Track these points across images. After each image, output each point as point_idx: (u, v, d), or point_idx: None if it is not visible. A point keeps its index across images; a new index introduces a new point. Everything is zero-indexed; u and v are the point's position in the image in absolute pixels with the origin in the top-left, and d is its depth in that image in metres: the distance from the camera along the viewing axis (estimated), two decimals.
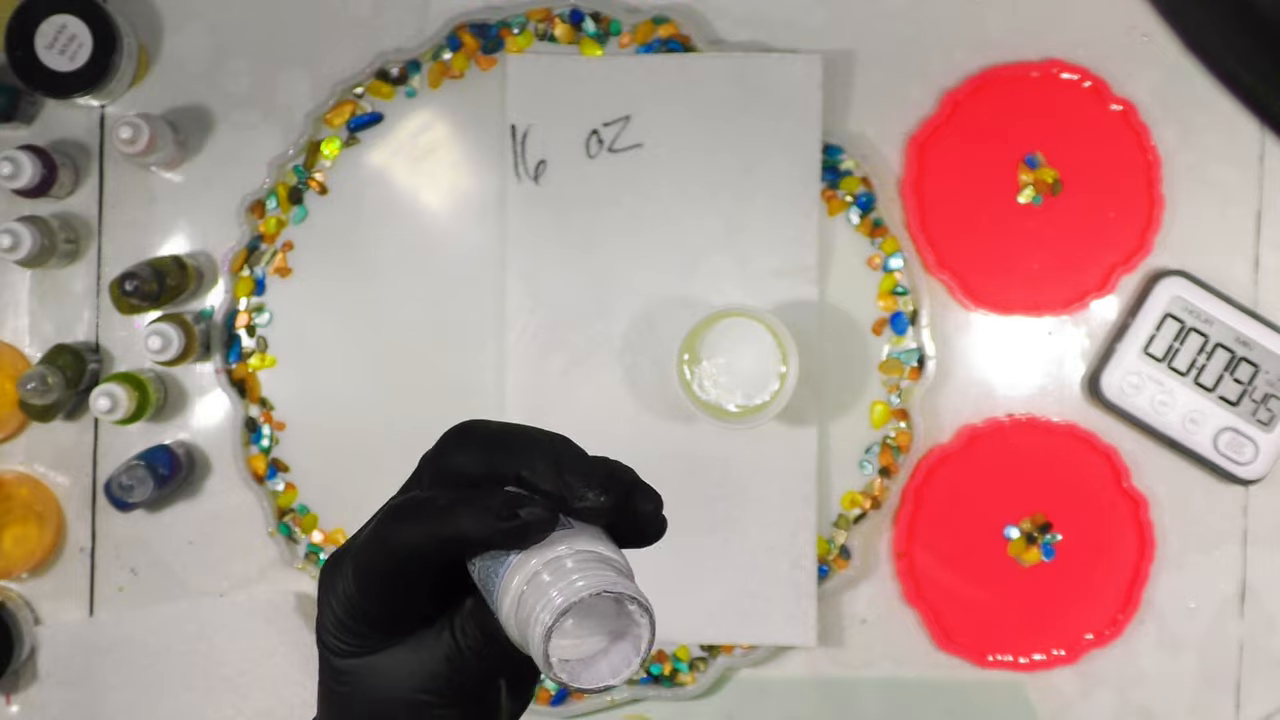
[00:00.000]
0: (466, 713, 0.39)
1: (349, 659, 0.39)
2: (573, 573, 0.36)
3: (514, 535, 0.36)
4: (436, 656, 0.38)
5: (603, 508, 0.38)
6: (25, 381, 0.80)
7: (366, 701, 0.39)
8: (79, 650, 0.85)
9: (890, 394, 0.85)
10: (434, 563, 0.37)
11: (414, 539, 0.37)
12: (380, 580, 0.38)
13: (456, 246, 0.86)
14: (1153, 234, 0.85)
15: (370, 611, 0.38)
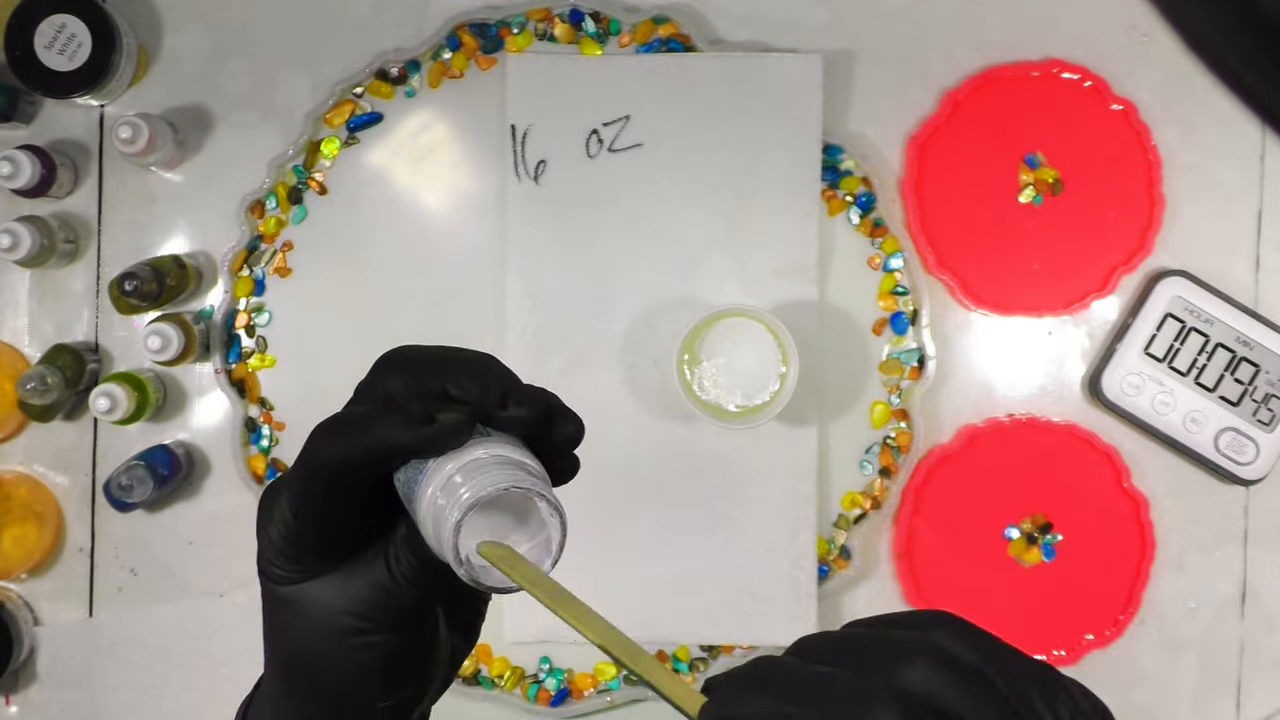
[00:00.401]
0: (402, 640, 0.39)
1: (287, 586, 0.39)
2: (483, 470, 0.37)
3: (430, 440, 0.37)
4: (370, 582, 0.39)
5: (523, 418, 0.39)
6: (25, 381, 0.80)
7: (302, 628, 0.39)
8: (79, 650, 0.85)
9: (890, 394, 0.85)
10: (360, 475, 0.38)
11: (339, 451, 0.37)
12: (312, 499, 0.38)
13: (456, 246, 0.86)
14: (1153, 234, 0.85)
15: (304, 534, 0.38)
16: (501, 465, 0.37)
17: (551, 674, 0.85)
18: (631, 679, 0.85)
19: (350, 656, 0.39)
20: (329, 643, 0.39)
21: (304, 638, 0.39)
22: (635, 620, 0.84)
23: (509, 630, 0.84)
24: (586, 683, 0.85)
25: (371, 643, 0.39)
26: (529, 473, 0.37)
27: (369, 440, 0.37)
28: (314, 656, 0.39)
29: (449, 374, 0.39)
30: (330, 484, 0.38)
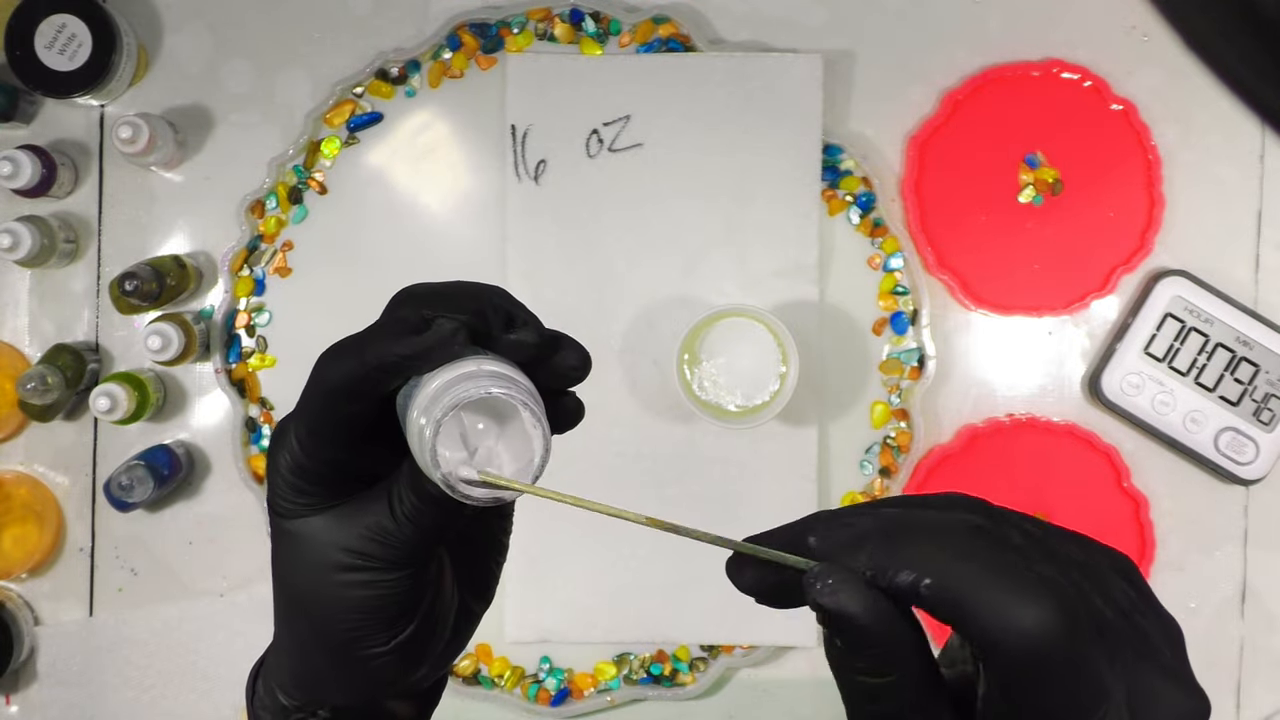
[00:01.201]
0: (400, 583, 0.39)
1: (292, 520, 0.39)
2: (470, 380, 0.36)
3: (424, 349, 0.37)
4: (371, 520, 0.38)
5: (524, 342, 0.39)
6: (25, 381, 0.80)
7: (301, 562, 0.39)
8: (79, 650, 0.85)
9: (890, 394, 0.85)
10: (362, 393, 0.38)
11: (340, 369, 0.38)
12: (318, 420, 0.38)
13: (456, 246, 0.86)
14: (1153, 234, 0.85)
15: (311, 461, 0.38)
16: (489, 377, 0.37)
17: (551, 674, 0.85)
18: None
19: (343, 594, 0.39)
20: (324, 577, 0.39)
21: (302, 572, 0.39)
22: (635, 620, 0.84)
23: (509, 630, 0.84)
24: (586, 683, 0.85)
25: (366, 580, 0.39)
26: (517, 386, 0.37)
27: (367, 354, 0.37)
28: (311, 592, 0.39)
29: (455, 301, 0.39)
30: (334, 404, 0.38)
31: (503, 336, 0.39)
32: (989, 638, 0.31)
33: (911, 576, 0.32)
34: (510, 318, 0.40)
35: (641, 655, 0.85)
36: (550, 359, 0.40)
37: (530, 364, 0.39)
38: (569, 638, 0.85)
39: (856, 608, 0.32)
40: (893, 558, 0.33)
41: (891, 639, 0.32)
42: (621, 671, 0.85)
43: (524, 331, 0.39)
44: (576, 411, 0.43)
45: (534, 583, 0.84)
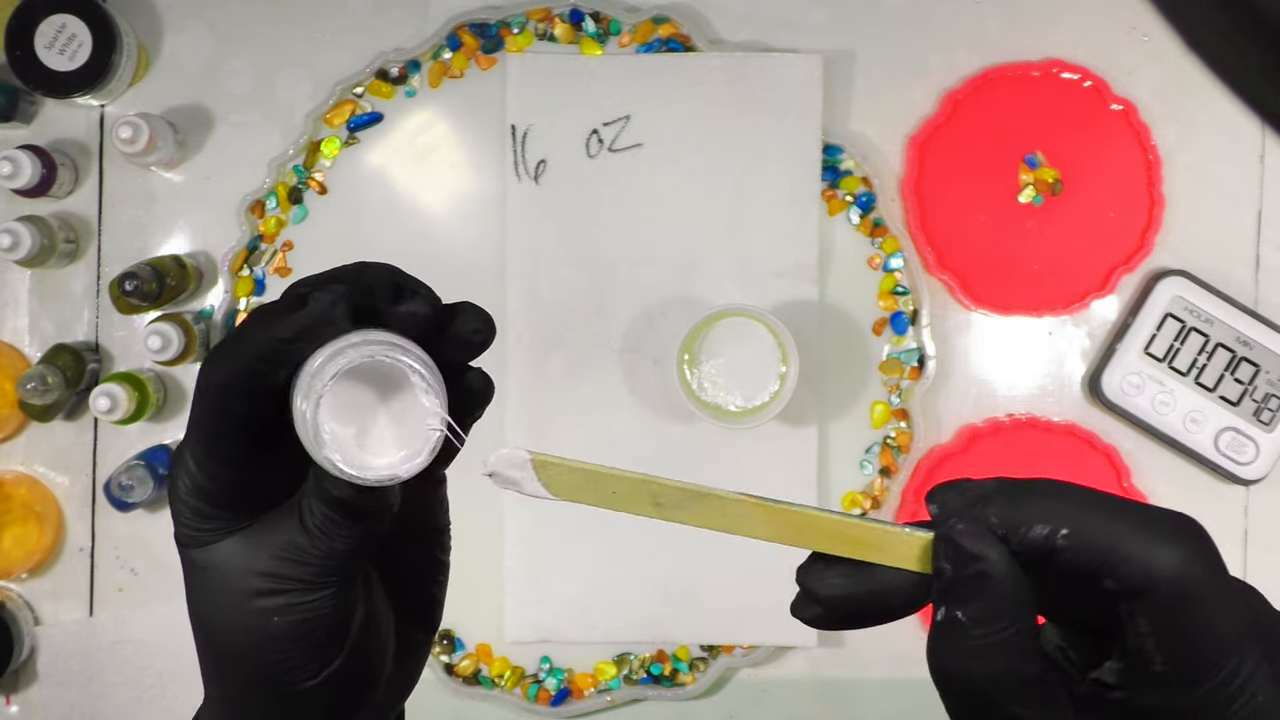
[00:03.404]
0: (321, 605, 0.36)
1: (201, 548, 0.36)
2: (352, 350, 0.34)
3: (300, 328, 0.34)
4: (282, 538, 0.36)
5: (414, 313, 0.35)
6: (25, 381, 0.80)
7: (213, 592, 0.36)
8: (79, 650, 0.85)
9: (890, 394, 0.85)
10: (249, 391, 0.35)
11: (222, 368, 0.35)
12: (210, 434, 0.35)
13: (456, 246, 0.86)
14: (1153, 234, 0.85)
15: (212, 484, 0.36)
16: (376, 344, 0.34)
17: (551, 674, 0.85)
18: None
19: (261, 622, 0.36)
20: (239, 605, 0.36)
21: (216, 604, 0.36)
22: (635, 620, 0.84)
23: (509, 630, 0.84)
24: (586, 683, 0.85)
25: (284, 604, 0.36)
26: (406, 352, 0.34)
27: (242, 346, 0.35)
28: (228, 625, 0.36)
29: (338, 278, 0.36)
30: (222, 409, 0.35)
31: (392, 309, 0.35)
32: (1143, 576, 0.32)
33: (1046, 529, 0.32)
34: (398, 289, 0.36)
35: (641, 655, 0.85)
36: (448, 329, 0.36)
37: (426, 337, 0.36)
38: (569, 638, 0.85)
39: (995, 554, 0.32)
40: (1023, 512, 0.33)
41: (1020, 593, 0.32)
42: (621, 671, 0.85)
43: (414, 301, 0.35)
44: (484, 390, 0.38)
45: (534, 582, 0.84)
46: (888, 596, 0.34)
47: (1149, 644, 0.32)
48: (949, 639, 0.33)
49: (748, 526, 0.35)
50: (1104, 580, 0.32)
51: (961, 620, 0.32)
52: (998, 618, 0.32)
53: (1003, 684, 0.32)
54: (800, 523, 0.35)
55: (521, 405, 0.84)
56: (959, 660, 0.33)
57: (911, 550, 0.34)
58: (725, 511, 0.35)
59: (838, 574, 0.35)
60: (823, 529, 0.35)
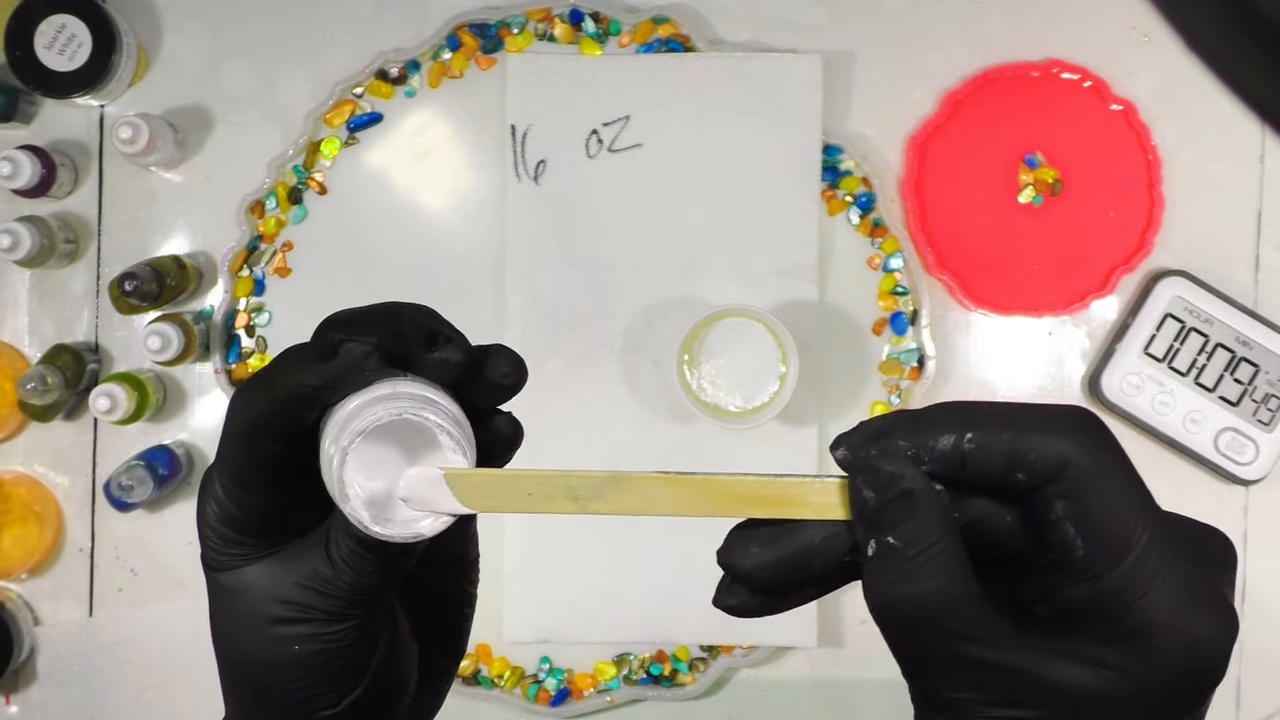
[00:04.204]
0: (342, 637, 0.36)
1: (228, 572, 0.37)
2: (383, 403, 0.33)
3: (333, 376, 0.34)
4: (307, 568, 0.36)
5: (447, 361, 0.35)
6: (25, 381, 0.80)
7: (236, 617, 0.37)
8: (79, 650, 0.85)
9: (890, 394, 0.85)
10: (277, 428, 0.35)
11: (252, 407, 0.35)
12: (236, 464, 0.36)
13: (456, 246, 0.86)
14: (1153, 234, 0.85)
15: (240, 512, 0.36)
16: (406, 399, 0.34)
17: (551, 674, 0.85)
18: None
19: (282, 650, 0.36)
20: (261, 632, 0.36)
21: (239, 629, 0.37)
22: (635, 620, 0.84)
23: (509, 630, 0.84)
24: (586, 683, 0.85)
25: (306, 634, 0.36)
26: (434, 408, 0.34)
27: (276, 388, 0.35)
28: (249, 651, 0.37)
29: (370, 321, 0.36)
30: (251, 446, 0.35)
31: (424, 356, 0.35)
32: (1051, 461, 0.33)
33: (953, 437, 0.33)
34: (432, 335, 0.36)
35: (641, 655, 0.85)
36: (480, 373, 0.37)
37: (458, 383, 0.36)
38: (569, 638, 0.85)
39: (913, 471, 0.33)
40: (928, 431, 0.33)
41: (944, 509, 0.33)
42: (621, 671, 0.85)
43: (447, 349, 0.36)
44: (513, 435, 0.39)
45: (534, 583, 0.84)
46: (810, 556, 0.34)
47: (1068, 531, 0.33)
48: (884, 568, 0.33)
49: (666, 504, 0.35)
50: (1016, 475, 0.33)
51: (894, 544, 0.33)
52: (929, 533, 0.32)
53: (945, 601, 0.32)
54: (716, 490, 0.35)
55: (521, 405, 0.84)
56: (898, 586, 0.33)
57: (830, 497, 0.34)
58: (642, 492, 0.35)
59: (757, 542, 0.35)
60: (738, 493, 0.35)
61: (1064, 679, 0.32)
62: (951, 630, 0.32)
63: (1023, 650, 0.32)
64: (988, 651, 0.32)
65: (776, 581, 0.35)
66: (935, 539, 0.33)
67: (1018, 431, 0.33)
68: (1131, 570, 0.33)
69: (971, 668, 0.32)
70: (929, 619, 0.32)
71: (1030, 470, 0.33)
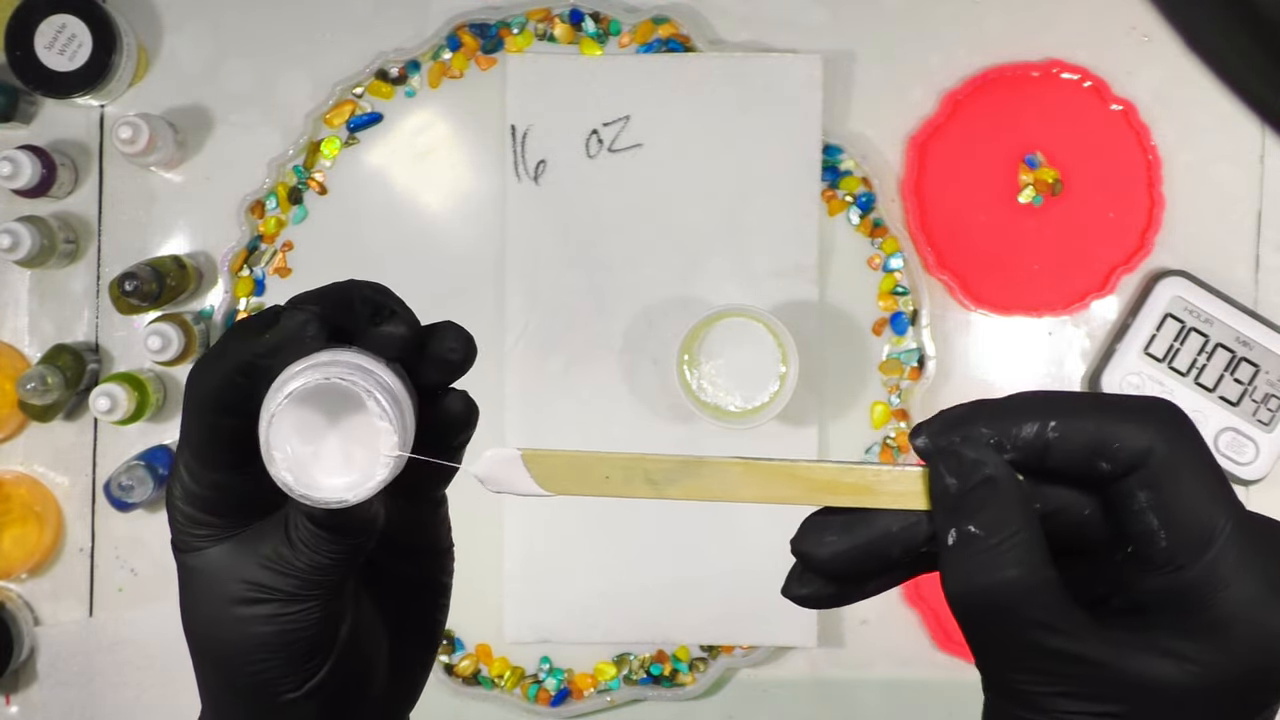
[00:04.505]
0: (304, 616, 0.36)
1: (193, 553, 0.37)
2: (316, 370, 0.34)
3: (274, 346, 0.35)
4: (270, 547, 0.36)
5: (392, 334, 0.35)
6: (25, 381, 0.80)
7: (205, 596, 0.37)
8: (79, 650, 0.85)
9: (890, 394, 0.85)
10: (231, 403, 0.35)
11: (204, 379, 0.36)
12: (198, 442, 0.36)
13: (456, 246, 0.86)
14: (1153, 234, 0.85)
15: (202, 490, 0.36)
16: (341, 366, 0.34)
17: (551, 674, 0.85)
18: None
19: (244, 629, 0.36)
20: (224, 612, 0.36)
21: (203, 609, 0.37)
22: (635, 620, 0.84)
23: (509, 630, 0.84)
24: (586, 683, 0.85)
25: (267, 614, 0.36)
26: (367, 376, 0.34)
27: (223, 357, 0.35)
28: (213, 631, 0.37)
29: (321, 298, 0.36)
30: (206, 419, 0.36)
31: (370, 330, 0.35)
32: (1136, 450, 0.32)
33: (1036, 425, 0.33)
34: (377, 309, 0.36)
35: (641, 655, 0.85)
36: (426, 348, 0.37)
37: (407, 358, 0.36)
38: (569, 638, 0.85)
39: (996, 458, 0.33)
40: (1010, 419, 0.33)
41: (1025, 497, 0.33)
42: (621, 671, 0.85)
43: (391, 322, 0.36)
44: (464, 412, 0.38)
45: (534, 583, 0.84)
46: (888, 544, 0.34)
47: (1151, 521, 0.32)
48: (964, 556, 0.33)
49: (743, 489, 0.36)
50: (1099, 464, 0.32)
51: (974, 533, 0.32)
52: (1010, 521, 0.32)
53: (1025, 590, 0.32)
54: (794, 476, 0.35)
55: (521, 405, 0.84)
56: (978, 574, 0.32)
57: (910, 486, 0.34)
58: (719, 478, 0.36)
59: (834, 531, 0.35)
60: (817, 479, 0.35)
61: (1145, 672, 0.32)
62: (1031, 620, 0.32)
63: (1103, 642, 0.32)
64: (1068, 643, 0.32)
65: (852, 570, 0.35)
66: (1016, 528, 0.32)
67: (1101, 420, 0.33)
68: (1214, 562, 0.32)
69: (1050, 659, 0.32)
70: (1008, 608, 0.32)
71: (1114, 459, 0.32)
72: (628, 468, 0.35)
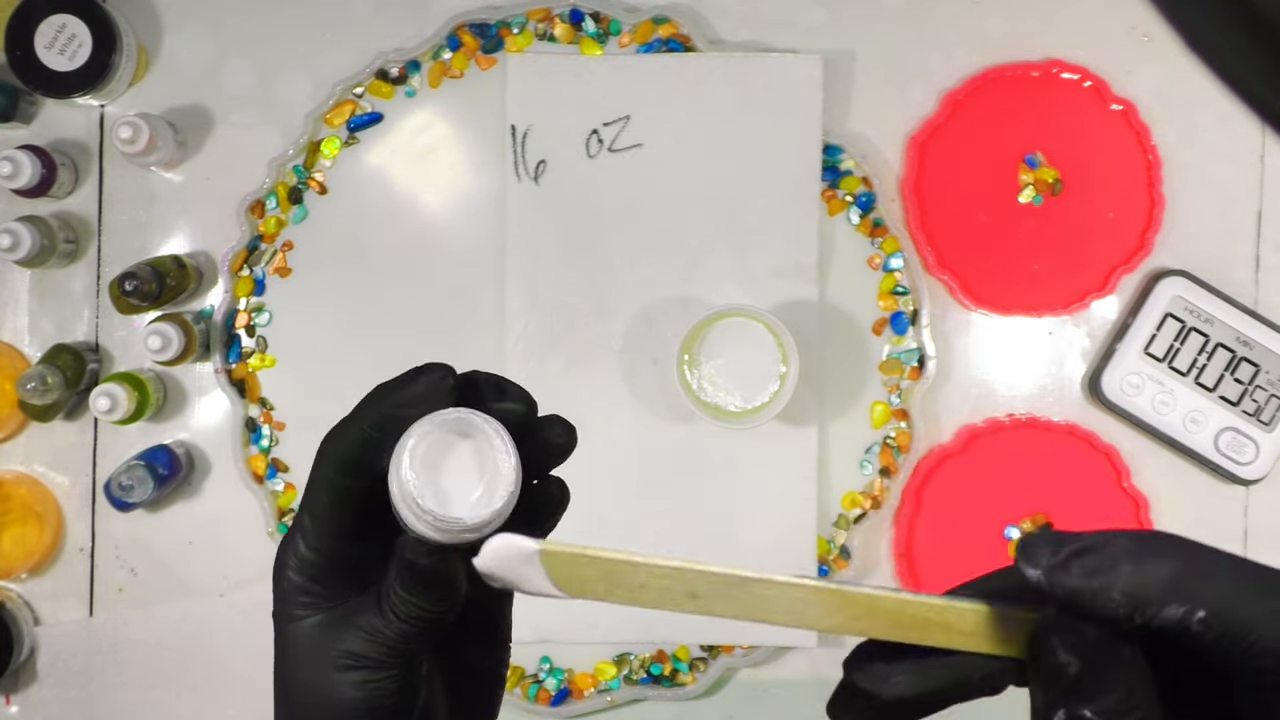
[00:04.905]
0: (393, 680, 0.39)
1: (296, 623, 0.39)
2: (449, 414, 0.36)
3: (417, 395, 0.37)
4: (365, 619, 0.38)
5: (513, 410, 0.38)
6: (25, 381, 0.80)
7: (300, 664, 0.39)
8: (79, 650, 0.85)
9: (890, 394, 0.85)
10: (362, 460, 0.38)
11: (340, 437, 0.38)
12: (322, 504, 0.38)
13: (456, 246, 0.86)
14: (1153, 234, 0.85)
15: (316, 557, 0.38)
16: (474, 415, 0.36)
17: (551, 674, 0.85)
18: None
19: (336, 693, 0.38)
20: (320, 678, 0.39)
21: (300, 674, 0.39)
22: (636, 620, 0.84)
23: None
24: (586, 683, 0.85)
25: (356, 680, 0.38)
26: (494, 424, 0.36)
27: (361, 417, 0.38)
28: (309, 695, 0.39)
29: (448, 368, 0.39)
30: (335, 479, 0.38)
31: (492, 405, 0.38)
32: None
33: (1181, 610, 0.28)
34: (500, 388, 0.39)
35: (641, 655, 0.85)
36: (537, 433, 0.40)
37: (518, 436, 0.39)
38: (569, 638, 0.85)
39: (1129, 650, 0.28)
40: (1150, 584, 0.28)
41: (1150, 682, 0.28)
42: (621, 671, 0.85)
43: (512, 400, 0.39)
44: (560, 497, 0.42)
45: None
46: (963, 692, 0.31)
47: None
48: None
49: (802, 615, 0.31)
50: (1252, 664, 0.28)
51: (1089, 718, 0.28)
52: (1130, 712, 0.28)
53: None
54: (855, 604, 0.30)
55: None
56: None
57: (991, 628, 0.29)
58: (776, 599, 0.31)
59: (904, 670, 0.31)
60: (882, 610, 0.30)
61: None
62: None
63: None
64: None
65: (914, 710, 0.32)
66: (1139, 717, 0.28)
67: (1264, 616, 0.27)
68: None
69: None
70: None
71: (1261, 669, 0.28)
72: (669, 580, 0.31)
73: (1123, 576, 0.28)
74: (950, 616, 0.29)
